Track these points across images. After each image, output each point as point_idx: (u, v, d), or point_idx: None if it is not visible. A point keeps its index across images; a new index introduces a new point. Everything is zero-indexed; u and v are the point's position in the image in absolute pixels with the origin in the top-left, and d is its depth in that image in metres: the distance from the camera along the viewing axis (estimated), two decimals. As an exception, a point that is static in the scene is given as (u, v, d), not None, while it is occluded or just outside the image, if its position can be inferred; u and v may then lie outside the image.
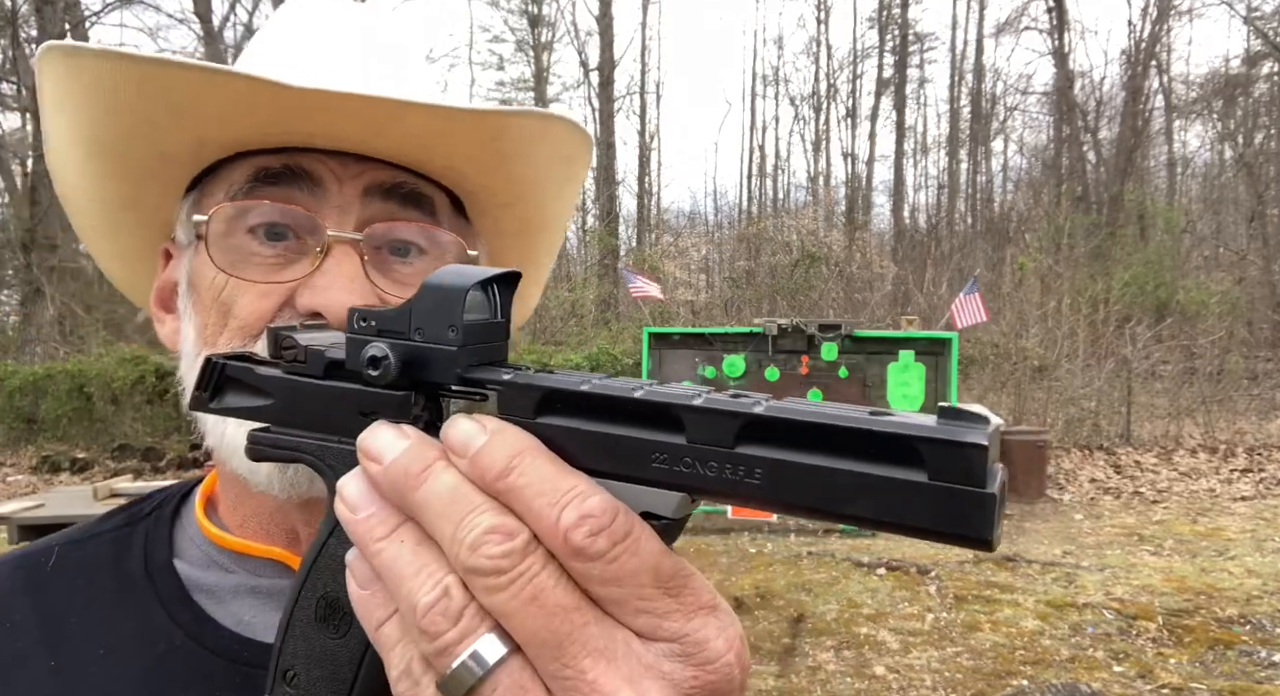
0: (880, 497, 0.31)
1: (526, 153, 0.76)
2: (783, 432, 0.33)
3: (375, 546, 0.37)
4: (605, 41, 25.98)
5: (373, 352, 0.40)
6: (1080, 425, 13.04)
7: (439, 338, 0.39)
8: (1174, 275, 17.57)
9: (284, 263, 0.69)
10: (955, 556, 7.16)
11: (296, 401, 0.43)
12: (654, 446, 0.34)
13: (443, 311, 0.39)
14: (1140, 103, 24.19)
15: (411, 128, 0.69)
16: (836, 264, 18.33)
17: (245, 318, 0.69)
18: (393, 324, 0.40)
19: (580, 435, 0.36)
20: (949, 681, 4.66)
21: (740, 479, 0.33)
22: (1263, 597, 5.89)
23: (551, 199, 0.86)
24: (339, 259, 0.69)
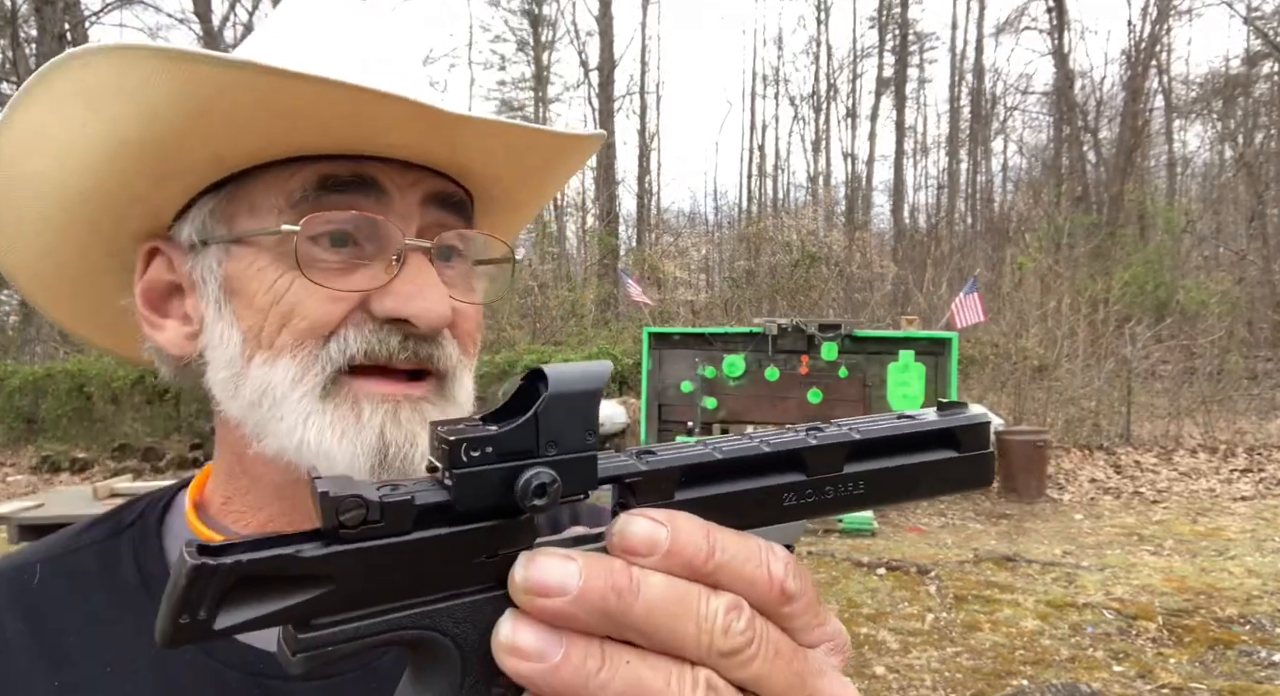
0: (936, 474, 0.43)
1: (561, 165, 0.79)
2: (874, 449, 0.41)
3: (599, 680, 0.34)
4: (605, 41, 25.98)
5: (541, 481, 0.35)
6: (1080, 425, 13.05)
7: (578, 446, 0.36)
8: (1174, 275, 17.58)
9: (348, 269, 0.69)
10: (955, 556, 7.17)
11: (379, 573, 0.34)
12: (785, 488, 0.40)
13: (579, 418, 0.36)
14: (1140, 103, 24.20)
15: (480, 142, 0.72)
16: (836, 264, 18.33)
17: (316, 319, 0.68)
18: (515, 443, 0.35)
19: (720, 498, 0.39)
20: (949, 681, 4.66)
21: (850, 493, 0.41)
22: (1263, 597, 5.89)
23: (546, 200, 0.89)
24: (418, 267, 0.70)
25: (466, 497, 0.35)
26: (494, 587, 0.36)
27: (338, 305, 0.68)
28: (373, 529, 0.34)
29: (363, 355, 0.68)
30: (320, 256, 0.69)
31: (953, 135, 28.47)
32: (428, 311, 0.68)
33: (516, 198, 0.84)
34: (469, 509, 0.35)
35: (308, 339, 0.68)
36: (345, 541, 0.33)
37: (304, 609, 0.33)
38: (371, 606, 0.34)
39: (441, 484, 0.35)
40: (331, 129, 0.67)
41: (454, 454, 0.35)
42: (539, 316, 17.89)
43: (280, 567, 0.33)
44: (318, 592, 0.33)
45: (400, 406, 0.68)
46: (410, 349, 0.69)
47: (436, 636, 0.35)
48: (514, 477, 0.35)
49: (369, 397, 0.68)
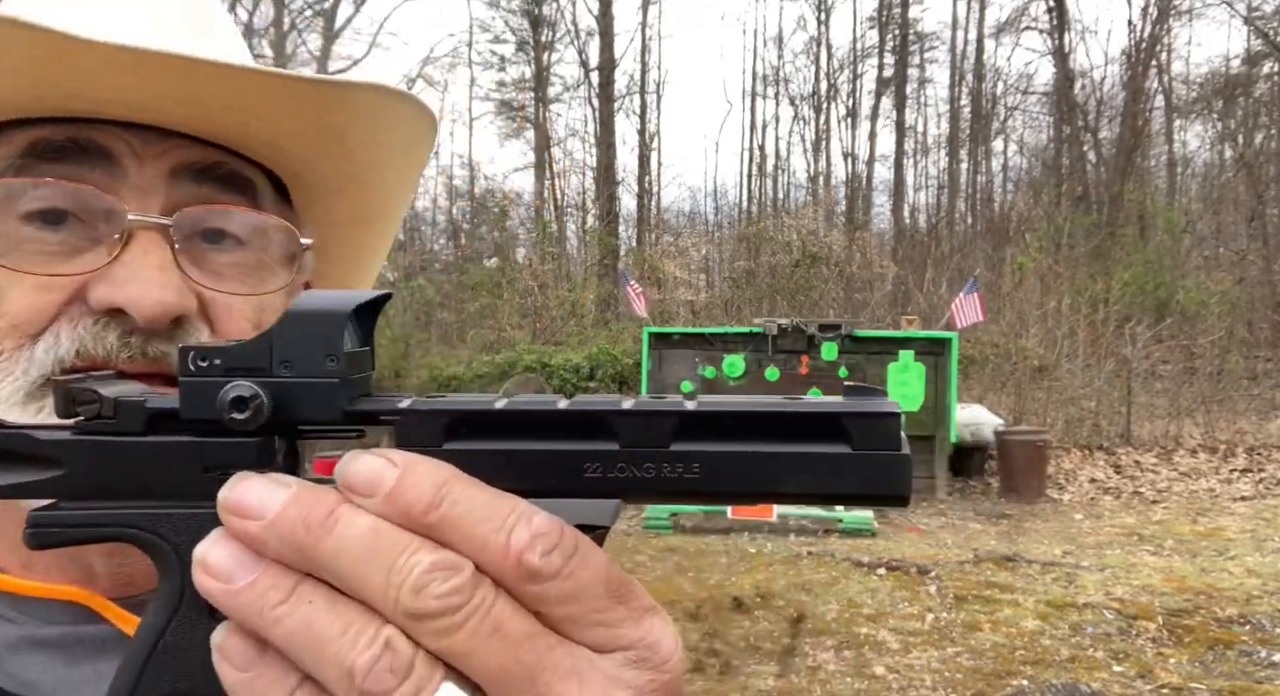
0: (811, 472, 0.34)
1: (362, 131, 0.66)
2: (714, 426, 0.34)
3: (274, 613, 0.31)
4: (605, 41, 26.00)
5: (238, 393, 0.33)
6: (1080, 425, 13.05)
7: (315, 370, 0.34)
8: (1174, 275, 17.58)
9: (68, 251, 0.58)
10: (955, 556, 7.17)
11: (102, 466, 0.34)
12: (586, 456, 0.34)
13: (319, 340, 0.34)
14: (1140, 103, 24.20)
15: (230, 97, 0.59)
16: (836, 264, 18.34)
17: (20, 313, 0.57)
18: (246, 360, 0.34)
19: (500, 456, 0.34)
20: (949, 681, 4.66)
21: (679, 475, 0.34)
22: (1263, 597, 5.89)
23: (392, 184, 0.76)
24: (144, 247, 0.58)
25: (190, 406, 0.34)
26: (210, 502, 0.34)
27: (48, 296, 0.57)
28: (104, 424, 0.35)
29: (74, 354, 0.57)
30: (30, 237, 0.58)
31: (953, 135, 28.48)
32: (142, 299, 0.56)
33: (324, 175, 0.71)
34: (194, 418, 0.34)
35: (7, 338, 0.57)
36: (78, 431, 0.35)
37: (32, 489, 0.35)
38: (102, 500, 0.35)
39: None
40: (37, 84, 0.56)
41: (182, 361, 0.34)
42: (539, 316, 17.90)
43: (14, 444, 0.35)
44: (49, 475, 0.35)
45: None
46: (135, 347, 0.57)
47: (158, 540, 0.35)
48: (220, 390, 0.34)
49: None
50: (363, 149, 0.69)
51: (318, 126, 0.64)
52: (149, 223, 0.59)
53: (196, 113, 0.60)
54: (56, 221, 0.58)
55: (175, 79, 0.56)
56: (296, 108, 0.62)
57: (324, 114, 0.63)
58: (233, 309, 0.63)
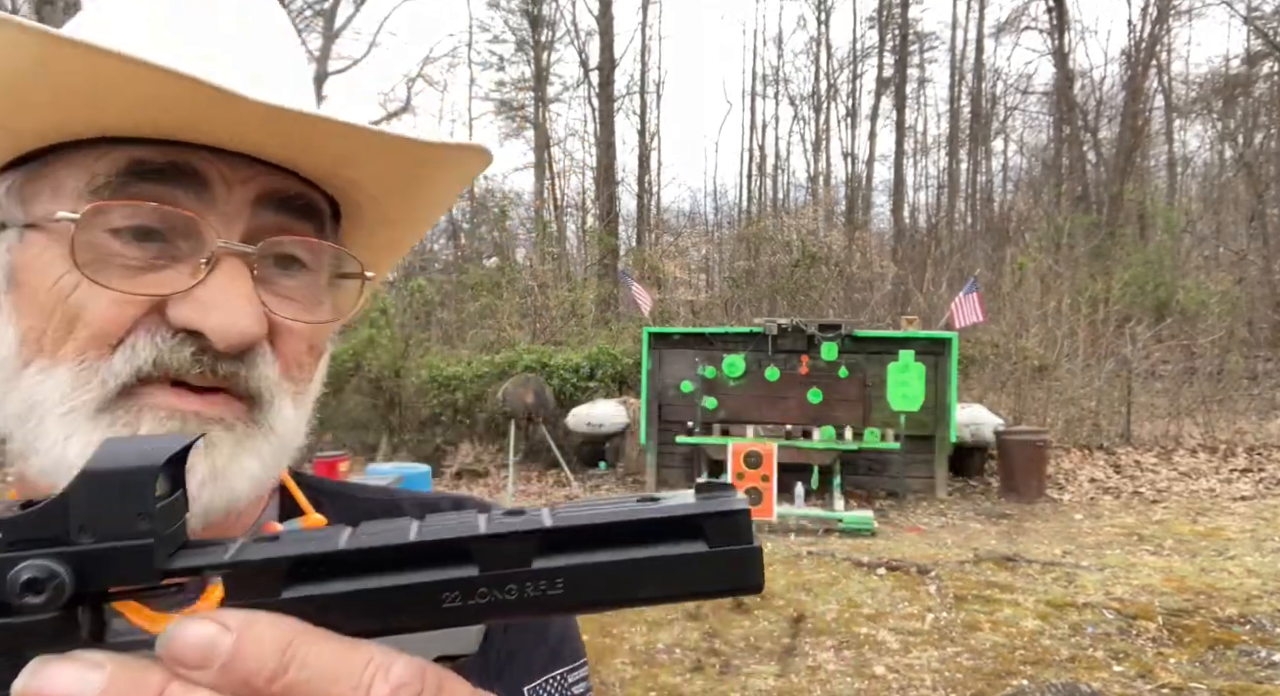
0: (671, 573, 0.33)
1: (437, 177, 0.70)
2: (574, 540, 0.33)
3: None
4: (605, 41, 25.99)
5: (31, 575, 0.29)
6: (1080, 425, 13.05)
7: (123, 532, 0.30)
8: (1174, 275, 17.59)
9: (151, 269, 0.60)
10: (955, 556, 7.17)
11: None
12: (444, 586, 0.31)
13: (127, 499, 0.30)
14: (1140, 103, 24.20)
15: (334, 145, 0.62)
16: (836, 264, 18.35)
17: (100, 326, 0.59)
18: (38, 530, 0.30)
19: (348, 597, 0.31)
20: (949, 681, 4.66)
21: (543, 593, 0.32)
22: (1263, 597, 5.89)
23: (434, 214, 0.79)
24: (230, 274, 0.60)
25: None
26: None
27: (127, 309, 0.59)
28: None
29: (150, 365, 0.59)
30: (117, 251, 0.60)
31: (953, 135, 28.47)
32: (227, 327, 0.59)
33: (386, 211, 0.74)
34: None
35: (90, 349, 0.59)
36: None
37: None
38: None
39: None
40: (136, 111, 0.58)
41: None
42: (539, 316, 17.90)
43: None
44: None
45: (188, 423, 0.59)
46: (206, 365, 0.60)
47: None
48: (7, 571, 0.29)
49: (154, 411, 0.59)
50: (430, 191, 0.72)
51: (402, 174, 0.68)
52: (234, 250, 0.61)
53: (290, 153, 0.63)
54: (143, 237, 0.60)
55: (287, 125, 0.59)
56: (392, 160, 0.65)
57: (416, 165, 0.67)
58: (294, 332, 0.66)
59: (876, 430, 10.11)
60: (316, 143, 0.62)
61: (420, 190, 0.71)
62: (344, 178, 0.68)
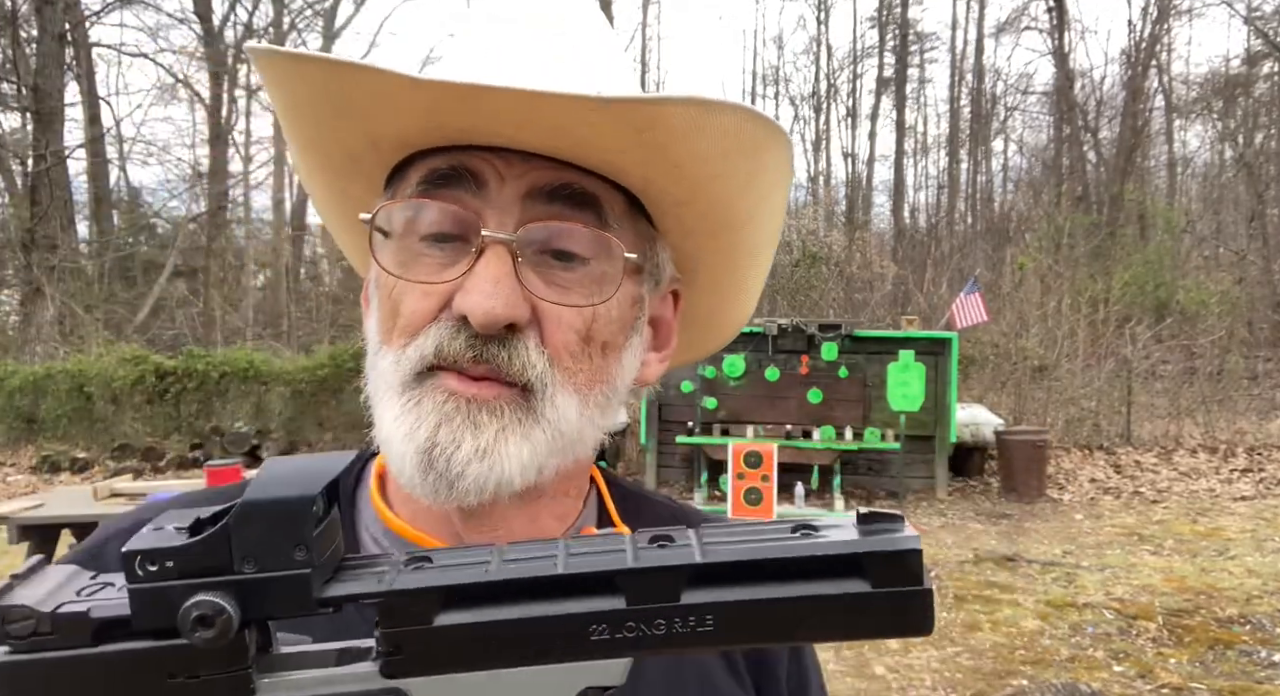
0: (831, 614, 0.32)
1: (683, 145, 0.67)
2: (726, 575, 0.32)
3: None
4: (605, 41, 25.96)
5: (201, 612, 0.30)
6: (1080, 425, 13.05)
7: (283, 563, 0.31)
8: (1174, 275, 17.58)
9: (446, 265, 0.68)
10: (955, 556, 7.17)
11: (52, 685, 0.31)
12: (591, 618, 0.32)
13: (284, 531, 0.31)
14: (1140, 103, 24.20)
15: (548, 119, 0.64)
16: (837, 264, 18.34)
17: (409, 317, 0.68)
18: (203, 560, 0.31)
19: (498, 626, 0.32)
20: (949, 681, 4.66)
21: (692, 629, 0.32)
22: (1263, 597, 5.89)
23: (736, 195, 0.75)
24: (488, 261, 0.66)
25: (144, 615, 0.31)
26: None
27: (428, 301, 0.68)
28: (44, 641, 0.31)
29: (433, 351, 0.66)
30: (423, 252, 0.69)
31: (953, 135, 28.47)
32: (476, 307, 0.64)
33: (665, 190, 0.73)
34: (147, 628, 0.31)
35: (404, 335, 0.68)
36: (16, 651, 0.31)
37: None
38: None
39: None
40: (415, 120, 0.66)
41: (128, 565, 0.31)
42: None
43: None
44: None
45: (460, 405, 0.65)
46: (476, 349, 0.66)
47: None
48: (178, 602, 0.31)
49: (435, 393, 0.66)
50: (691, 162, 0.69)
51: (638, 143, 0.67)
52: (497, 238, 0.66)
53: (532, 136, 0.66)
54: (441, 240, 0.68)
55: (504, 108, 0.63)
56: (611, 128, 0.65)
57: (641, 131, 0.65)
58: (561, 319, 0.68)
59: (876, 430, 10.11)
60: (551, 121, 0.64)
61: (671, 161, 0.69)
62: (598, 160, 0.69)
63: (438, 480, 0.65)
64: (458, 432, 0.65)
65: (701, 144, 0.67)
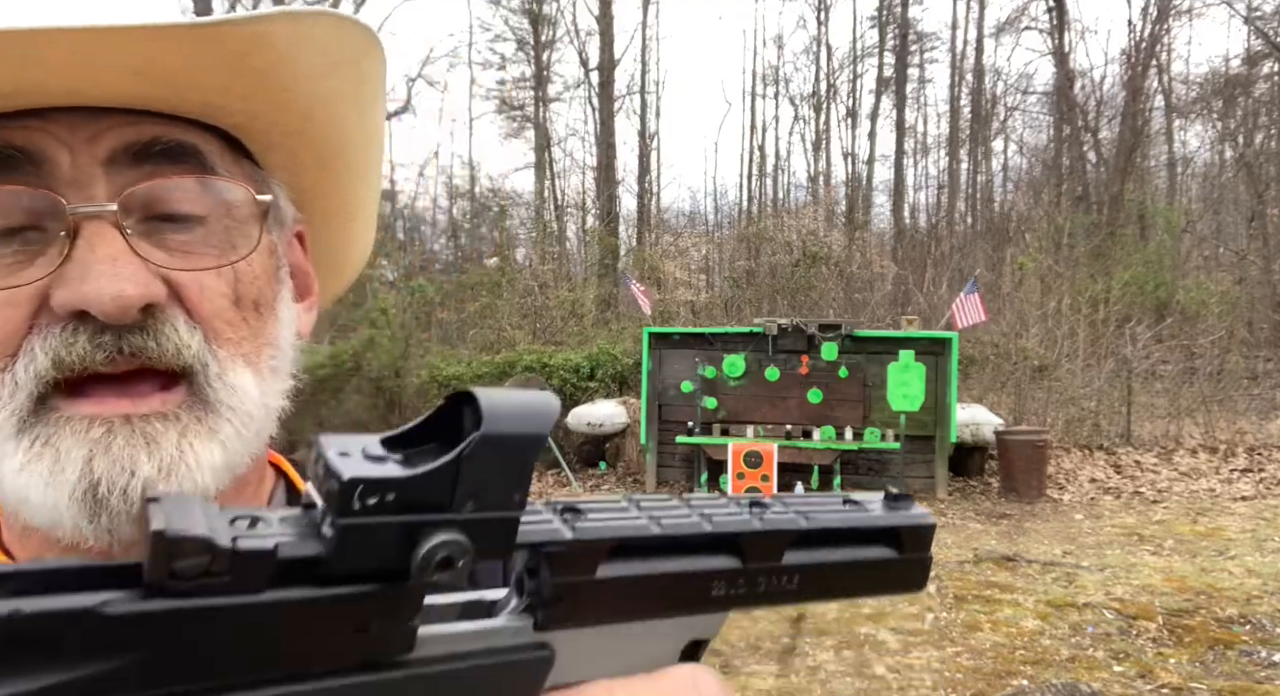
0: (869, 574, 0.38)
1: (289, 65, 0.59)
2: (815, 538, 0.36)
3: None
4: (605, 41, 25.98)
5: (448, 553, 0.27)
6: (1080, 425, 13.05)
7: (500, 504, 0.28)
8: (1174, 275, 17.59)
9: (22, 262, 0.54)
10: (955, 556, 7.17)
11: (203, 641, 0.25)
12: (716, 575, 0.34)
13: (514, 470, 0.28)
14: (1140, 103, 24.20)
15: (124, 60, 0.52)
16: (836, 264, 18.34)
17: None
18: (426, 494, 0.27)
19: (649, 579, 0.33)
20: (949, 681, 4.66)
21: (780, 587, 0.35)
22: (1263, 597, 5.89)
23: (347, 113, 0.67)
24: (91, 240, 0.53)
25: (349, 555, 0.26)
26: (357, 670, 0.28)
27: (16, 310, 0.53)
28: (213, 583, 0.25)
29: (52, 366, 0.52)
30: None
31: (953, 135, 28.48)
32: (101, 293, 0.51)
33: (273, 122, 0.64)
34: (346, 570, 0.26)
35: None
36: (173, 595, 0.24)
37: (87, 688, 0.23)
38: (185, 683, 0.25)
39: (317, 530, 0.27)
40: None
41: (345, 497, 0.26)
42: (539, 316, 17.90)
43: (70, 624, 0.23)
44: (113, 664, 0.23)
45: (114, 430, 0.53)
46: (109, 347, 0.53)
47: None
48: (413, 540, 0.27)
49: (74, 423, 0.53)
50: (297, 85, 0.61)
51: (241, 73, 0.57)
52: (93, 212, 0.53)
53: (107, 87, 0.54)
54: (7, 236, 0.54)
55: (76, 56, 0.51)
56: (212, 61, 0.55)
57: (240, 57, 0.56)
58: (205, 287, 0.57)
59: (876, 430, 10.11)
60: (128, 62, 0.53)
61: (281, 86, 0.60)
62: (196, 101, 0.58)
63: (114, 519, 0.52)
64: (124, 457, 0.52)
65: (306, 59, 0.60)
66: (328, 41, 0.60)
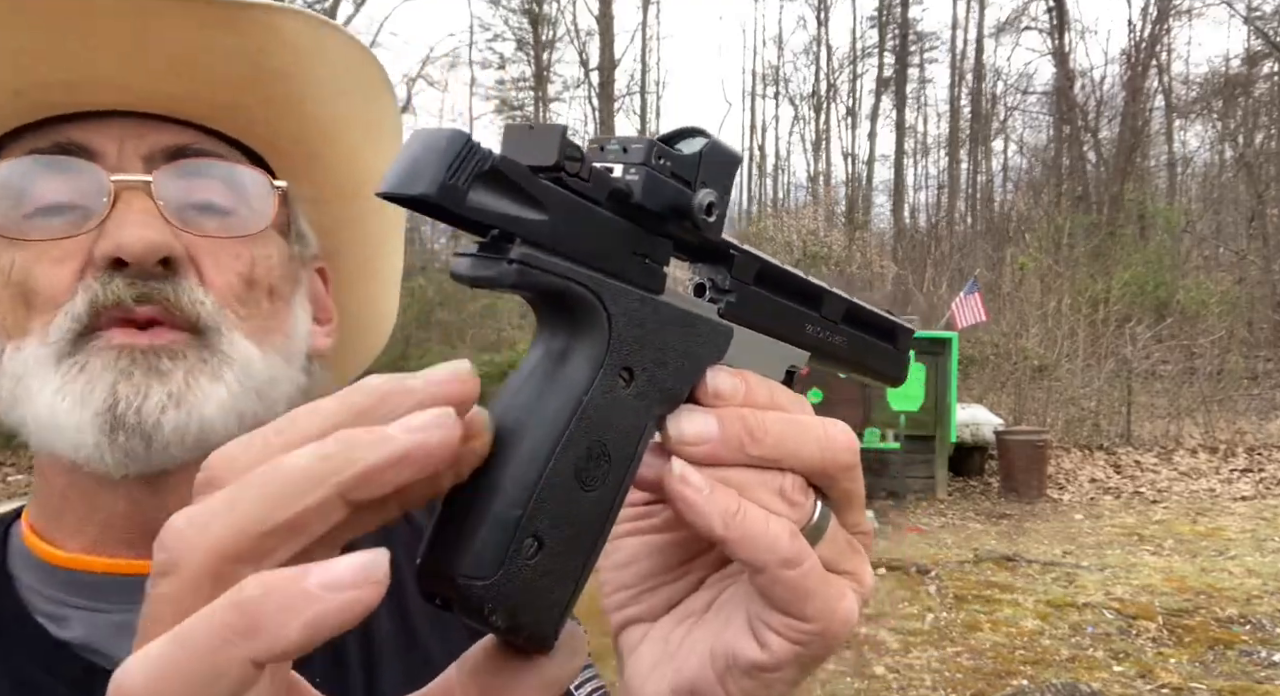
0: (878, 356, 0.51)
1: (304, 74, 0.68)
2: (856, 316, 0.48)
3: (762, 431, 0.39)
4: (605, 41, 25.98)
5: (711, 200, 0.38)
6: (1080, 425, 13.05)
7: (721, 200, 0.39)
8: (1174, 275, 17.58)
9: (76, 226, 0.62)
10: (955, 556, 7.17)
11: (575, 225, 0.35)
12: (808, 316, 0.46)
13: (725, 172, 0.39)
14: (1140, 103, 24.20)
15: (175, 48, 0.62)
16: (837, 264, 18.34)
17: (48, 289, 0.61)
18: (684, 170, 0.38)
19: (777, 305, 0.44)
20: (949, 681, 4.66)
21: (836, 342, 0.47)
22: (1263, 597, 5.89)
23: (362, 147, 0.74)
24: (129, 199, 0.62)
25: (647, 194, 0.37)
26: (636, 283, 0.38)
27: (66, 265, 0.61)
28: (580, 184, 0.35)
29: (88, 306, 0.60)
30: (38, 226, 0.62)
31: (953, 135, 28.47)
32: (134, 240, 0.60)
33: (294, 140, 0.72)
34: (642, 205, 0.37)
35: (46, 312, 0.61)
36: (562, 184, 0.34)
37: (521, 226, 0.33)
38: (563, 253, 0.35)
39: (624, 176, 0.37)
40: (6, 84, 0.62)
41: (648, 154, 0.37)
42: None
43: (522, 176, 0.33)
44: (537, 217, 0.34)
45: (136, 358, 0.60)
46: (137, 288, 0.60)
47: (598, 303, 0.36)
48: (685, 193, 0.38)
49: (103, 353, 0.60)
50: (313, 93, 0.69)
51: (257, 69, 0.66)
52: (130, 182, 0.63)
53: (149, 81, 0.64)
54: (62, 212, 0.63)
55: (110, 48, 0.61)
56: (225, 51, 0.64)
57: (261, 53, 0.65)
58: (220, 259, 0.65)
59: (876, 430, 10.10)
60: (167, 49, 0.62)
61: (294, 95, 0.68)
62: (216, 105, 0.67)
63: (130, 438, 0.59)
64: (141, 384, 0.59)
65: (321, 70, 0.68)
66: (345, 60, 0.69)
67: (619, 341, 0.36)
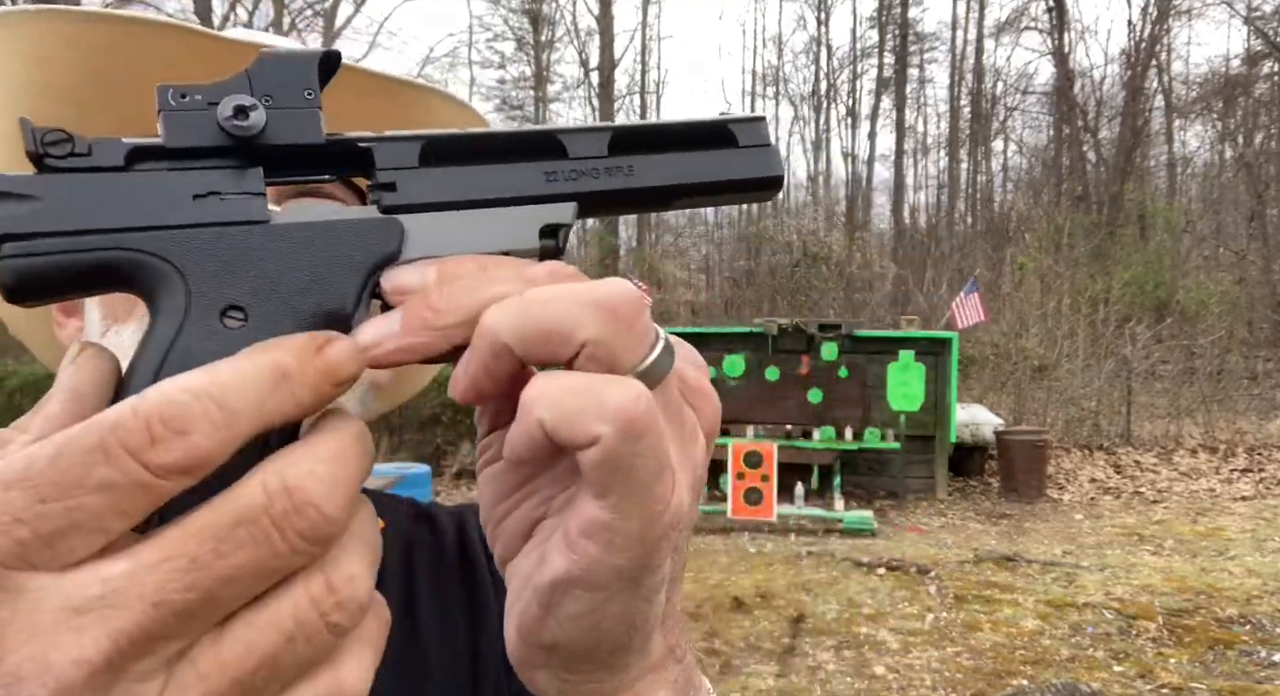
0: (714, 164, 0.43)
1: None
2: (639, 139, 0.42)
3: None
4: (605, 41, 25.98)
5: (238, 102, 0.35)
6: (1080, 425, 13.05)
7: (296, 102, 0.36)
8: (1174, 275, 17.59)
9: None
10: (955, 556, 7.17)
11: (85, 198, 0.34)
12: (544, 168, 0.41)
13: (298, 77, 0.36)
14: (1140, 103, 24.20)
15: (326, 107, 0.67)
16: (836, 264, 18.35)
17: None
18: (227, 92, 0.35)
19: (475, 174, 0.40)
20: (949, 681, 4.66)
21: (620, 173, 0.41)
22: (1263, 597, 5.89)
23: None
24: None
25: (174, 136, 0.35)
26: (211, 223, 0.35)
27: None
28: (80, 160, 0.34)
29: None
30: None
31: (953, 135, 28.47)
32: None
33: None
34: (178, 147, 0.35)
35: None
36: (53, 169, 0.34)
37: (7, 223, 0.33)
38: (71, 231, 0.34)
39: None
40: None
41: (161, 97, 0.35)
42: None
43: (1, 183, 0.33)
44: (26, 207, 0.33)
45: None
46: None
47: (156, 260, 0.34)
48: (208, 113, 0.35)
49: None
50: None
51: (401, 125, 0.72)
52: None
53: None
54: None
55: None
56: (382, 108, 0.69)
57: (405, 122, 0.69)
58: None
59: (876, 430, 10.11)
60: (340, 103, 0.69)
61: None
62: None
63: None
64: None
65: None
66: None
67: (199, 282, 0.34)
